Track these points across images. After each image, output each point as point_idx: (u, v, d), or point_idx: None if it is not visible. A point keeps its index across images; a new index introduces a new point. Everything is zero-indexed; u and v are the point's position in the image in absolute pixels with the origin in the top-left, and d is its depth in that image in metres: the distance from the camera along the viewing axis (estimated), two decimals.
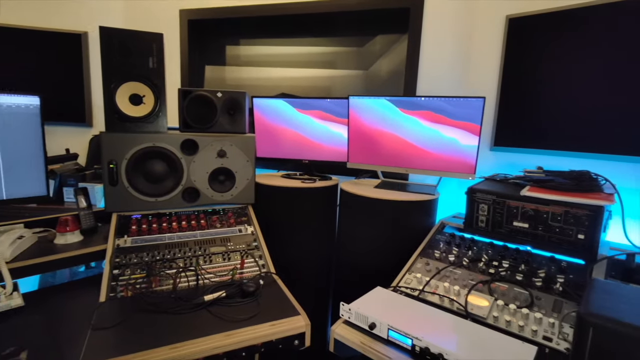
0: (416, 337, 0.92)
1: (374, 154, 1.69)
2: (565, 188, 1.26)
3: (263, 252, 1.43)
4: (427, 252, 1.41)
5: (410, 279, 1.30)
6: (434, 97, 1.51)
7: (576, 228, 1.19)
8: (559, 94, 1.57)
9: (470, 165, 1.51)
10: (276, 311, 1.09)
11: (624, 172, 1.41)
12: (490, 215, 1.37)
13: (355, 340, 0.99)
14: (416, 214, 1.55)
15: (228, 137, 1.59)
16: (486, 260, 1.29)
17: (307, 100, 1.81)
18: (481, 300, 1.13)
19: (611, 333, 0.66)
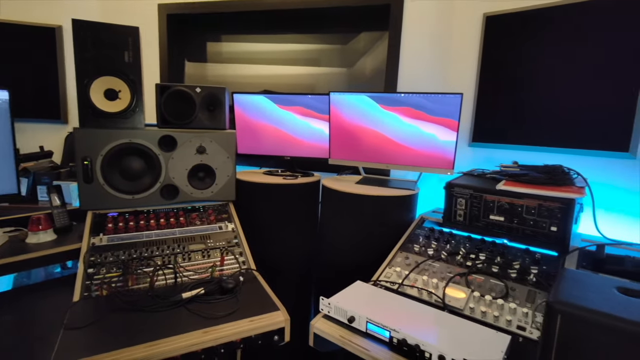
0: (394, 329, 0.94)
1: (355, 150, 1.70)
2: (539, 182, 1.30)
3: (244, 248, 1.42)
4: (406, 246, 1.43)
5: (390, 273, 1.31)
6: (413, 94, 1.53)
7: (549, 221, 1.22)
8: (533, 91, 1.61)
9: (448, 160, 1.53)
10: (256, 307, 1.08)
11: (595, 166, 1.45)
12: (468, 210, 1.39)
13: (334, 334, 1.00)
14: (396, 209, 1.57)
15: (208, 133, 1.56)
16: (464, 254, 1.31)
17: (288, 96, 1.80)
18: (458, 293, 1.15)
19: (578, 320, 0.68)
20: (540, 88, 1.59)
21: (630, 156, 1.38)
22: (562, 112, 1.53)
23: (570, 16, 1.49)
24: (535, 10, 1.59)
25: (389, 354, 0.91)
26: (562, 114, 1.54)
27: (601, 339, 0.66)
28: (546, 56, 1.56)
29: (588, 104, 1.47)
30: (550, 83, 1.56)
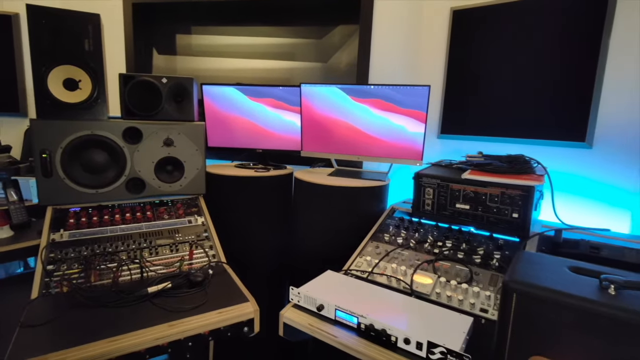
0: (361, 315, 0.95)
1: (327, 142, 1.70)
2: (502, 171, 1.34)
3: (214, 242, 1.40)
4: (377, 236, 1.45)
5: (361, 262, 1.33)
6: (383, 86, 1.54)
7: (511, 208, 1.27)
8: (497, 84, 1.66)
9: (417, 151, 1.56)
10: (225, 299, 1.07)
11: (554, 156, 1.52)
12: (436, 199, 1.43)
13: (303, 322, 1.00)
14: (368, 200, 1.58)
15: (175, 125, 1.53)
16: (431, 241, 1.35)
17: (259, 88, 1.78)
18: (425, 279, 1.18)
19: (532, 297, 0.71)
20: (503, 81, 1.64)
21: (586, 146, 1.46)
22: (524, 104, 1.59)
23: (531, 11, 1.55)
24: (500, 5, 1.64)
25: (357, 340, 0.93)
26: (523, 106, 1.60)
27: (553, 315, 0.69)
28: (508, 50, 1.62)
29: (548, 97, 1.53)
30: (512, 76, 1.62)
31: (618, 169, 1.41)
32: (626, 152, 1.39)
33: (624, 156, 1.39)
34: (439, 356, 0.83)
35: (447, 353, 0.82)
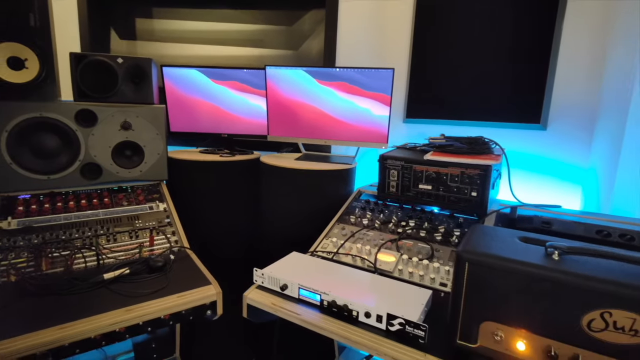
0: (324, 292, 0.96)
1: (293, 126, 1.69)
2: (462, 151, 1.38)
3: (177, 228, 1.36)
4: (344, 218, 1.47)
5: (327, 244, 1.33)
6: (348, 68, 1.54)
7: (470, 187, 1.31)
8: (459, 69, 1.70)
9: (382, 134, 1.58)
10: (186, 283, 1.05)
11: (512, 137, 1.58)
12: (400, 180, 1.45)
13: (267, 302, 1.00)
14: (335, 183, 1.59)
15: (133, 108, 1.46)
16: (395, 222, 1.37)
17: (223, 70, 1.73)
18: (389, 257, 1.21)
19: (483, 265, 0.74)
20: (465, 66, 1.68)
21: (541, 127, 1.52)
22: (484, 89, 1.64)
23: None
24: None
25: (320, 316, 0.93)
26: (484, 91, 1.64)
27: (503, 281, 0.72)
28: (469, 36, 1.66)
29: (506, 82, 1.58)
30: (473, 61, 1.66)
31: (570, 148, 1.48)
32: (578, 132, 1.47)
33: (576, 136, 1.47)
34: (398, 327, 0.85)
35: (406, 324, 0.84)
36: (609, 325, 0.64)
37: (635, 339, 0.62)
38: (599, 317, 0.64)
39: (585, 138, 1.46)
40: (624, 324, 0.62)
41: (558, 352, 0.69)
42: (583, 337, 0.66)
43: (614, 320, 0.63)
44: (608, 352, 0.65)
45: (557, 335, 0.69)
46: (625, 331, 0.63)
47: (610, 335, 0.64)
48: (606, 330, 0.64)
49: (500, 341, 0.75)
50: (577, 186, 1.47)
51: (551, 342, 0.70)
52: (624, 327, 0.63)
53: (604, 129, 1.40)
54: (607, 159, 1.36)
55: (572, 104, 1.48)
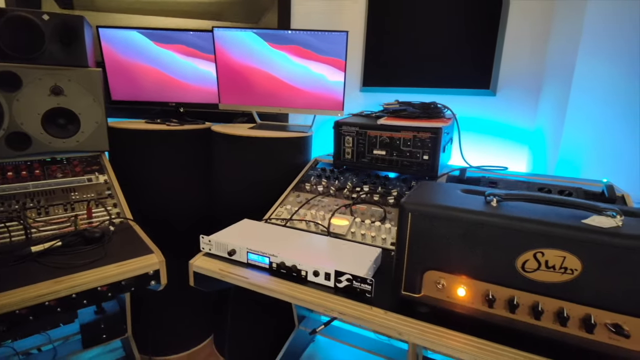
0: (272, 255, 0.93)
1: (246, 93, 1.61)
2: (415, 116, 1.39)
3: (119, 200, 1.28)
4: (299, 186, 1.44)
5: (282, 212, 1.30)
6: (300, 31, 1.48)
7: (422, 151, 1.32)
8: (413, 36, 1.69)
9: (338, 101, 1.55)
10: (126, 253, 0.98)
11: (464, 103, 1.61)
12: (355, 147, 1.44)
13: (214, 269, 0.96)
14: (291, 152, 1.55)
15: (64, 71, 1.33)
16: (350, 187, 1.37)
17: (166, 32, 1.61)
18: (342, 221, 1.20)
19: (425, 214, 0.74)
20: (419, 34, 1.67)
21: (491, 93, 1.56)
22: (439, 58, 1.65)
23: None
24: None
25: (269, 278, 0.91)
26: (438, 60, 1.65)
27: (445, 229, 0.72)
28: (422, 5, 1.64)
29: (458, 49, 1.60)
30: (427, 29, 1.65)
31: (518, 112, 1.53)
32: (525, 97, 1.52)
33: (523, 101, 1.52)
34: (345, 283, 0.85)
35: (353, 279, 0.83)
36: (541, 264, 0.66)
37: (565, 276, 0.65)
38: (532, 257, 0.66)
39: (532, 102, 1.51)
40: (555, 262, 0.65)
41: (495, 295, 0.71)
42: (518, 278, 0.68)
43: (546, 260, 0.65)
44: (541, 291, 0.67)
45: (494, 278, 0.70)
46: (556, 269, 0.65)
47: (543, 274, 0.66)
48: (539, 270, 0.66)
49: (442, 289, 0.76)
50: (525, 147, 1.54)
51: (489, 286, 0.72)
52: (554, 266, 0.65)
53: (549, 95, 1.46)
54: (553, 122, 1.42)
55: (519, 71, 1.52)
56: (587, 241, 0.62)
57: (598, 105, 1.33)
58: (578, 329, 0.66)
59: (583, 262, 0.63)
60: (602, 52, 1.29)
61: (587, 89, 1.32)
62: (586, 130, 1.36)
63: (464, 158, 1.45)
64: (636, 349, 0.63)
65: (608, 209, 0.66)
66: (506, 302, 0.71)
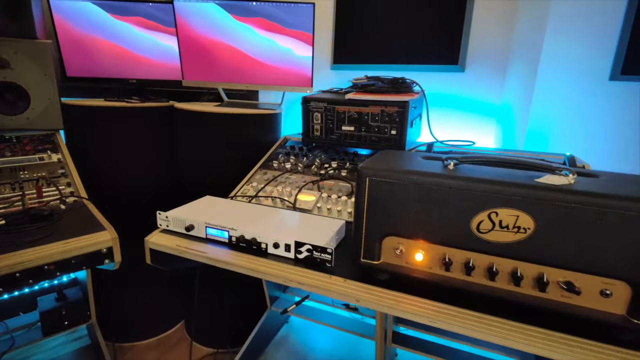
0: (232, 229, 0.90)
1: (211, 68, 1.55)
2: (383, 90, 1.37)
3: (73, 179, 1.21)
4: (267, 164, 1.40)
5: (248, 189, 1.27)
6: (265, 2, 1.42)
7: (390, 125, 1.30)
8: (382, 12, 1.65)
9: (306, 77, 1.51)
10: (76, 231, 0.93)
11: (433, 80, 1.60)
12: (323, 123, 1.41)
13: (171, 244, 0.92)
14: (258, 130, 1.51)
15: (9, 42, 1.23)
16: (318, 164, 1.34)
17: (123, 3, 1.51)
18: (309, 196, 1.17)
19: (382, 179, 0.72)
20: (390, 12, 1.64)
21: (460, 69, 1.55)
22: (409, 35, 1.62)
23: None
24: None
25: (228, 252, 0.88)
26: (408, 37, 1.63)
27: (402, 194, 0.71)
28: None
29: (428, 25, 1.58)
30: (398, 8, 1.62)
31: (486, 88, 1.54)
32: (492, 73, 1.52)
33: (491, 76, 1.52)
34: (306, 254, 0.83)
35: (313, 249, 0.81)
36: (495, 225, 0.65)
37: (519, 235, 0.64)
38: (487, 218, 0.66)
39: (499, 78, 1.52)
40: (509, 222, 0.64)
41: (452, 259, 0.71)
42: (473, 240, 0.67)
43: (500, 220, 0.65)
44: (496, 251, 0.67)
45: (450, 241, 0.70)
46: (509, 229, 0.65)
47: (497, 234, 0.66)
48: (493, 230, 0.66)
49: (401, 255, 0.75)
50: (493, 121, 1.55)
51: (446, 250, 0.71)
52: (508, 225, 0.64)
53: (517, 71, 1.47)
54: (520, 98, 1.43)
55: (487, 48, 1.52)
56: (540, 199, 0.61)
57: (565, 82, 1.35)
58: (531, 288, 0.66)
59: (536, 220, 0.62)
60: (568, 31, 1.30)
61: (554, 67, 1.34)
62: (554, 105, 1.38)
63: (433, 134, 1.44)
64: (587, 306, 0.64)
65: (561, 168, 0.66)
66: (462, 265, 0.70)
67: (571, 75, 1.36)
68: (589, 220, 0.59)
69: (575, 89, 1.36)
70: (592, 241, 0.60)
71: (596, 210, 0.58)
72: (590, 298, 0.63)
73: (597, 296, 0.63)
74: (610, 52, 1.31)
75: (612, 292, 0.61)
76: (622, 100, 1.33)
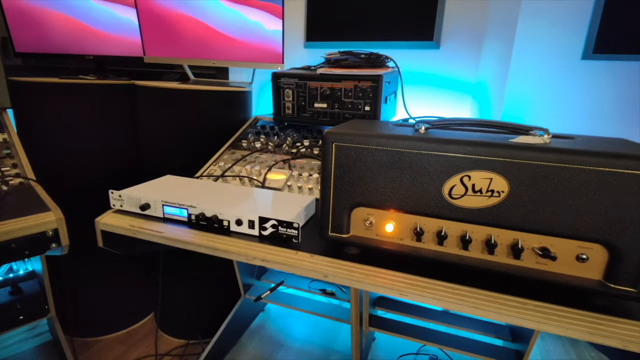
0: (191, 206, 0.83)
1: (174, 43, 1.45)
2: (356, 65, 1.31)
3: (20, 160, 1.10)
4: (236, 144, 1.33)
5: (214, 169, 1.20)
6: None
7: (363, 101, 1.25)
8: None
9: (277, 53, 1.43)
10: (18, 212, 0.84)
11: (408, 58, 1.56)
12: (295, 101, 1.35)
13: (124, 225, 0.84)
14: (227, 108, 1.43)
15: None
16: (290, 143, 1.28)
17: None
18: (279, 175, 1.11)
19: (350, 144, 0.66)
20: None
21: (435, 45, 1.51)
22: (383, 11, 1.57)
23: None
24: None
25: (187, 231, 0.81)
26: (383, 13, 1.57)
27: (370, 159, 0.66)
28: None
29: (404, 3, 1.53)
30: None
31: (461, 65, 1.51)
32: (467, 50, 1.49)
33: (466, 54, 1.49)
34: (271, 230, 0.77)
35: (278, 224, 0.76)
36: (468, 189, 0.61)
37: (492, 200, 0.60)
38: (459, 182, 0.61)
39: (474, 55, 1.49)
40: (482, 185, 0.60)
41: (424, 228, 0.66)
42: (445, 206, 0.63)
43: (473, 184, 0.61)
44: (469, 218, 0.63)
45: (422, 209, 0.65)
46: (483, 193, 0.61)
47: (470, 200, 0.62)
48: (466, 195, 0.62)
49: (371, 227, 0.70)
50: (468, 98, 1.52)
51: (417, 219, 0.67)
52: (481, 189, 0.60)
53: (491, 49, 1.44)
54: (496, 76, 1.41)
55: (462, 24, 1.49)
56: (514, 158, 0.57)
57: (540, 60, 1.35)
58: (506, 256, 0.63)
59: (510, 182, 0.59)
60: (542, 10, 1.29)
61: (529, 46, 1.33)
62: (529, 84, 1.37)
63: (408, 112, 1.40)
64: (563, 272, 0.61)
65: (535, 128, 0.62)
66: (434, 234, 0.66)
67: (545, 54, 1.35)
68: (565, 180, 0.56)
69: (549, 68, 1.36)
70: (568, 202, 0.56)
71: (573, 168, 0.55)
72: (566, 264, 0.60)
73: (573, 261, 0.60)
74: (582, 32, 1.31)
75: (589, 257, 0.59)
76: (594, 79, 1.34)
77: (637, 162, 0.52)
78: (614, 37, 1.30)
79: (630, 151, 0.54)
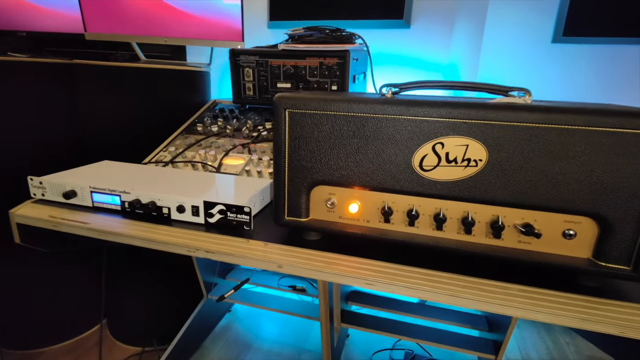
0: (124, 192, 0.71)
1: (120, 18, 1.30)
2: (322, 40, 1.21)
3: None
4: (191, 128, 1.21)
5: (165, 155, 1.07)
6: None
7: (330, 80, 1.16)
8: None
9: (236, 30, 1.31)
10: None
11: (378, 37, 1.47)
12: (256, 81, 1.24)
13: (43, 216, 0.70)
14: (181, 89, 1.30)
15: None
16: (250, 127, 1.17)
17: None
18: (237, 160, 1.00)
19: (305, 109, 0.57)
20: None
21: (405, 24, 1.44)
22: None
23: None
24: None
25: (120, 221, 0.69)
26: None
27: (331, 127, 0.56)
28: None
29: None
30: None
31: (432, 46, 1.44)
32: (439, 30, 1.43)
33: (437, 34, 1.43)
34: (218, 217, 0.66)
35: (227, 210, 0.65)
36: (441, 159, 0.53)
37: (469, 170, 0.52)
38: (431, 151, 0.53)
39: (445, 36, 1.43)
40: (457, 153, 0.52)
41: (393, 207, 0.58)
42: (416, 180, 0.55)
43: (447, 152, 0.52)
44: (442, 193, 0.54)
45: (390, 185, 0.56)
46: (458, 163, 0.52)
47: (444, 171, 0.53)
48: (439, 166, 0.53)
49: (333, 209, 0.61)
50: None
51: (385, 197, 0.58)
52: (456, 158, 0.52)
53: (463, 30, 1.39)
54: (467, 58, 1.37)
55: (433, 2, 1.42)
56: (493, 120, 0.49)
57: (511, 43, 1.32)
58: (485, 235, 0.55)
59: (488, 149, 0.50)
60: None
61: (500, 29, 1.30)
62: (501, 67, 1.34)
63: (376, 90, 1.32)
64: (548, 251, 0.53)
65: (515, 89, 0.55)
66: (405, 214, 0.57)
67: (517, 37, 1.32)
68: (550, 143, 0.48)
69: (521, 51, 1.34)
70: (553, 168, 0.49)
71: (559, 129, 0.47)
72: (551, 242, 0.53)
73: (559, 239, 0.52)
74: (552, 14, 1.29)
75: (576, 232, 0.51)
76: (565, 62, 1.32)
77: (631, 119, 0.45)
78: (582, 21, 1.27)
79: (622, 109, 0.47)
